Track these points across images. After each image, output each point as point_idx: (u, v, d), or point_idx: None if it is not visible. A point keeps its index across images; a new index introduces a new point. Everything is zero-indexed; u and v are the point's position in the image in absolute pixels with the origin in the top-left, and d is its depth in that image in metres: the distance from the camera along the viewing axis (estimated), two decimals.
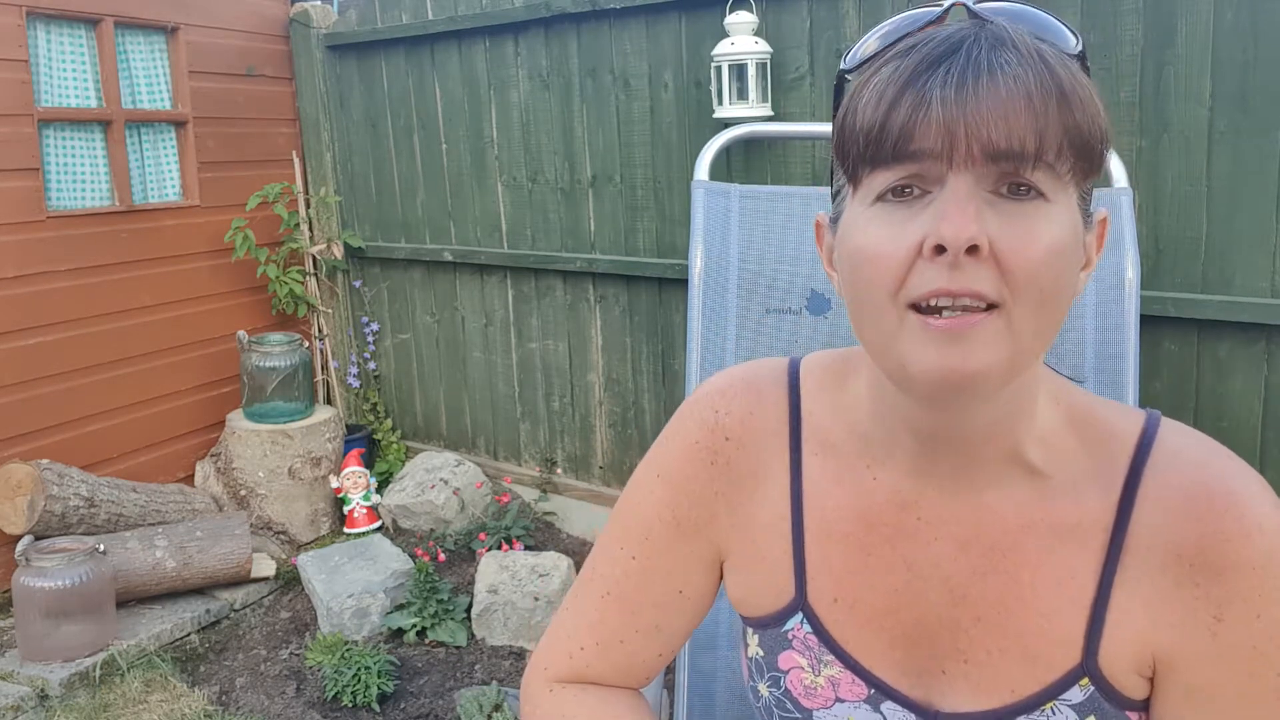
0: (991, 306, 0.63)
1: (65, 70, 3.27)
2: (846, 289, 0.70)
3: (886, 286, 0.65)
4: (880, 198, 0.66)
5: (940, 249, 0.62)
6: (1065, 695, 0.74)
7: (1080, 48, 0.68)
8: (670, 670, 1.49)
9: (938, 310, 0.63)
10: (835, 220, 0.73)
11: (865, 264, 0.66)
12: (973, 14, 0.68)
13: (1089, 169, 0.66)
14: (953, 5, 0.69)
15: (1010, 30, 0.65)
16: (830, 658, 0.81)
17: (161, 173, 3.60)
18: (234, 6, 3.73)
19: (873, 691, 0.80)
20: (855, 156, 0.67)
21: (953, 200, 0.62)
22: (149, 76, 3.53)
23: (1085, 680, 0.74)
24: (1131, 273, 1.47)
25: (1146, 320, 2.25)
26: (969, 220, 0.61)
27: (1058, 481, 0.74)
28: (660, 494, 0.86)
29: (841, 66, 0.72)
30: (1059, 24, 0.69)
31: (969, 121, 0.61)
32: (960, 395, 0.66)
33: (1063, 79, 0.63)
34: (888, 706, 0.80)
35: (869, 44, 0.70)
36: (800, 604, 0.82)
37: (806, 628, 0.82)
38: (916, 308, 0.64)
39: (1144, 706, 0.75)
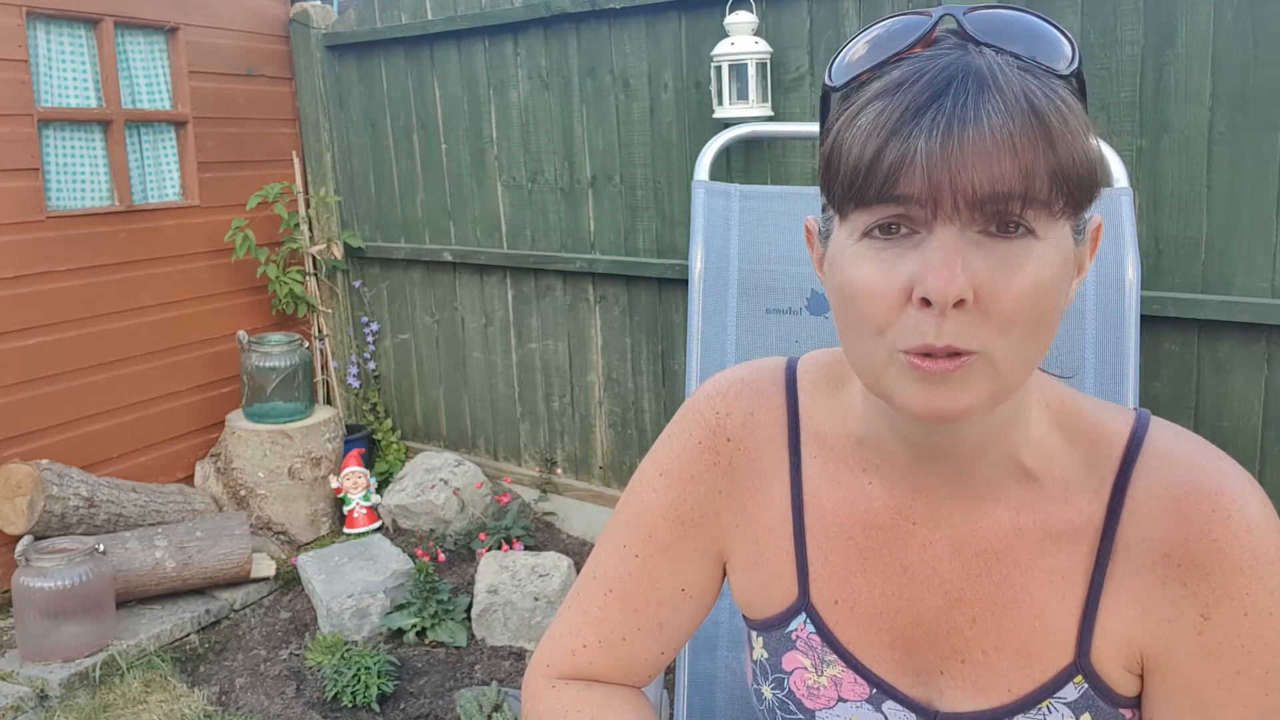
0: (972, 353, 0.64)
1: (65, 70, 3.27)
2: (835, 316, 0.71)
3: (875, 325, 0.66)
4: (867, 233, 0.66)
5: (927, 302, 0.63)
6: (1060, 693, 0.75)
7: (1075, 63, 0.66)
8: (670, 671, 1.49)
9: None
10: (824, 236, 0.73)
11: (854, 301, 0.67)
12: (962, 28, 0.66)
13: (1081, 204, 0.66)
14: (942, 15, 0.68)
15: (999, 68, 0.63)
16: (833, 657, 0.82)
17: (161, 173, 3.60)
18: (234, 6, 3.73)
19: (874, 691, 0.81)
20: (840, 195, 0.67)
21: (939, 252, 0.62)
22: (149, 76, 3.53)
23: (1079, 678, 0.75)
24: (1131, 273, 1.47)
25: (1146, 320, 2.26)
26: (955, 274, 0.62)
27: (1049, 483, 0.75)
28: (663, 492, 0.86)
29: (826, 81, 0.71)
30: (1054, 31, 0.67)
31: (953, 173, 0.61)
32: (947, 426, 0.68)
33: (1050, 123, 0.62)
34: (889, 706, 0.80)
35: (857, 49, 0.69)
36: (804, 605, 0.83)
37: (810, 628, 0.82)
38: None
39: (1137, 703, 0.76)
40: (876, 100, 0.64)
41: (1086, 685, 0.75)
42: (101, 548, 2.79)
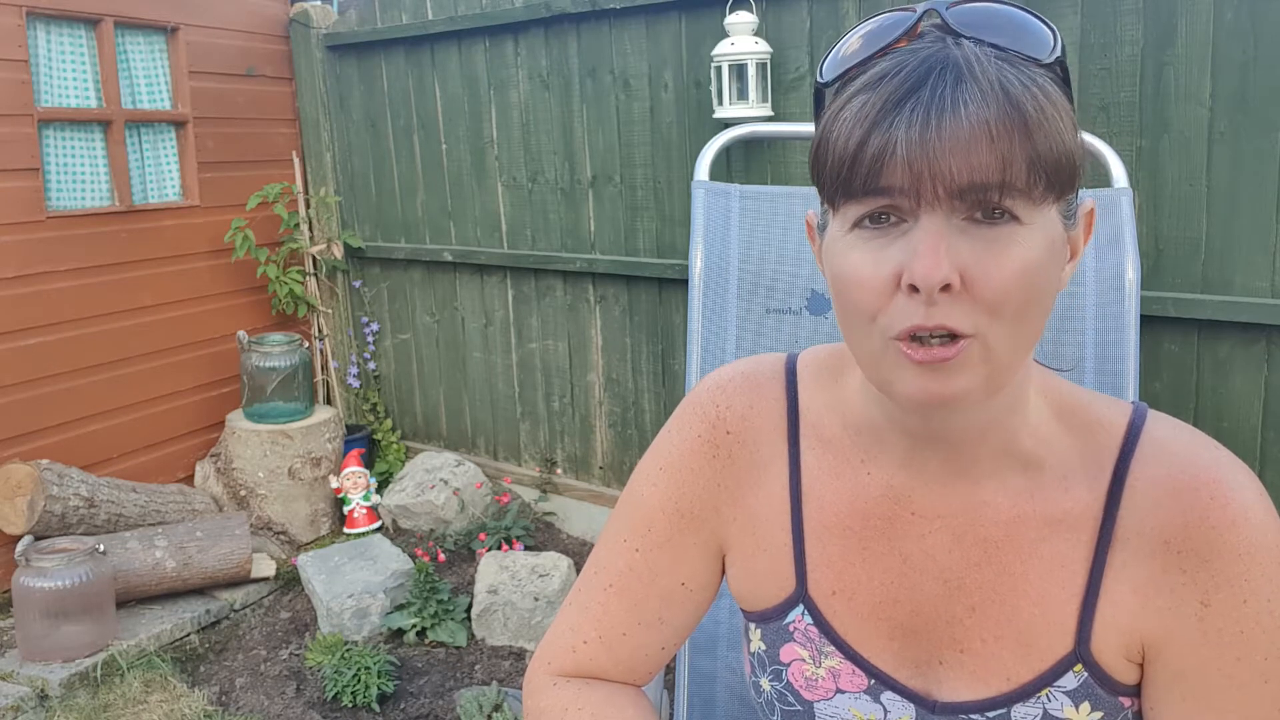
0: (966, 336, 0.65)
1: (65, 70, 3.27)
2: (835, 306, 0.73)
3: (867, 313, 0.67)
4: (857, 224, 0.68)
5: (915, 288, 0.64)
6: (1060, 682, 0.76)
7: (1058, 51, 0.68)
8: (670, 671, 1.49)
9: (917, 340, 0.66)
10: (822, 229, 0.75)
11: (847, 290, 0.69)
12: (945, 22, 0.67)
13: (1063, 189, 0.67)
14: (926, 10, 0.69)
15: (976, 59, 0.64)
16: (831, 649, 0.82)
17: (161, 173, 3.60)
18: (234, 6, 3.73)
19: (873, 682, 0.81)
20: (829, 188, 0.68)
21: (924, 240, 0.64)
22: (149, 76, 3.53)
23: (1079, 667, 0.75)
24: (1131, 273, 1.47)
25: (1146, 320, 2.26)
26: (940, 261, 0.63)
27: (1048, 473, 0.76)
28: (663, 486, 0.87)
29: (819, 78, 0.72)
30: (1038, 22, 0.68)
31: (932, 161, 0.63)
32: (944, 412, 0.69)
33: (1026, 109, 0.63)
34: (887, 697, 0.81)
35: (851, 44, 0.70)
36: (801, 596, 0.83)
37: (808, 619, 0.83)
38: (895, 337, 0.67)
39: (1136, 692, 0.77)
40: (859, 94, 0.66)
41: (1086, 674, 0.75)
42: (101, 548, 2.79)
